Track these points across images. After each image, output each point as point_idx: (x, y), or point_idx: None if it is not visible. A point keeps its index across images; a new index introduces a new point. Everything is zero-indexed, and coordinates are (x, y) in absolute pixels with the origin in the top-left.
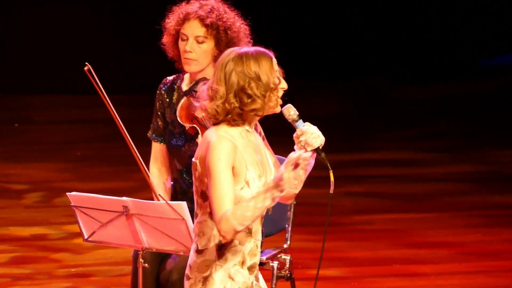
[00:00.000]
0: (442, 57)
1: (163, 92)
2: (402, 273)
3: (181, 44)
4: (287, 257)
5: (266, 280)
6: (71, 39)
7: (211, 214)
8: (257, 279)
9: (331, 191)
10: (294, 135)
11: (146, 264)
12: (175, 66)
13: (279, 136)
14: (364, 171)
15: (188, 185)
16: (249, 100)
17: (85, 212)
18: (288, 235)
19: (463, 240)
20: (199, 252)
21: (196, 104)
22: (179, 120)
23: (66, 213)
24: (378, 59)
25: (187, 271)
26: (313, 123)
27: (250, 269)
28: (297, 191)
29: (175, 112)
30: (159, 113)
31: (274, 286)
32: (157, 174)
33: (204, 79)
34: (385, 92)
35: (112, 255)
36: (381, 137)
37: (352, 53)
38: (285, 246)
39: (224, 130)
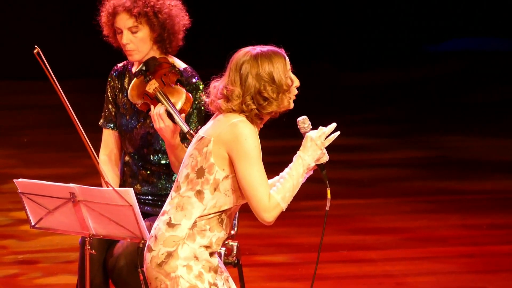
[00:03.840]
0: (389, 43)
1: (114, 77)
2: (349, 259)
3: (118, 37)
4: (235, 244)
5: None
6: (18, 25)
7: (198, 193)
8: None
9: (327, 208)
10: None
11: (93, 251)
12: (123, 53)
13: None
14: None
15: (139, 167)
16: (266, 103)
17: (32, 199)
18: (235, 221)
19: (410, 225)
20: (170, 225)
21: (206, 99)
22: (130, 100)
23: (13, 199)
24: (325, 45)
25: (150, 242)
26: None
27: (212, 254)
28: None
29: (127, 95)
30: (110, 99)
31: None
32: (107, 161)
33: (153, 58)
34: (332, 78)
35: (59, 241)
36: (328, 122)
37: (300, 39)
38: (232, 232)
39: (244, 117)
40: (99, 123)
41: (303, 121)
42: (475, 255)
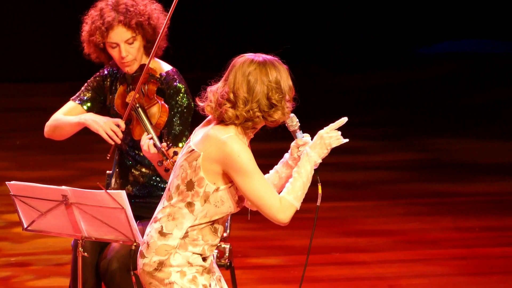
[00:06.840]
0: (381, 46)
1: (108, 74)
2: (342, 261)
3: (112, 51)
4: (227, 246)
5: None
6: (6, 27)
7: (189, 205)
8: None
9: (318, 203)
10: (293, 143)
11: (86, 253)
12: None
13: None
14: None
15: (130, 167)
16: (272, 110)
17: (24, 201)
18: (227, 224)
19: (403, 228)
20: (162, 234)
21: (200, 103)
22: (116, 109)
23: (6, 202)
24: (318, 47)
25: (143, 248)
26: None
27: (205, 259)
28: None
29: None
30: (92, 88)
31: None
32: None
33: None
34: (324, 80)
35: (51, 244)
36: (320, 125)
37: (292, 41)
38: (224, 234)
39: (234, 131)
40: (71, 98)
41: (291, 120)
42: (467, 258)
